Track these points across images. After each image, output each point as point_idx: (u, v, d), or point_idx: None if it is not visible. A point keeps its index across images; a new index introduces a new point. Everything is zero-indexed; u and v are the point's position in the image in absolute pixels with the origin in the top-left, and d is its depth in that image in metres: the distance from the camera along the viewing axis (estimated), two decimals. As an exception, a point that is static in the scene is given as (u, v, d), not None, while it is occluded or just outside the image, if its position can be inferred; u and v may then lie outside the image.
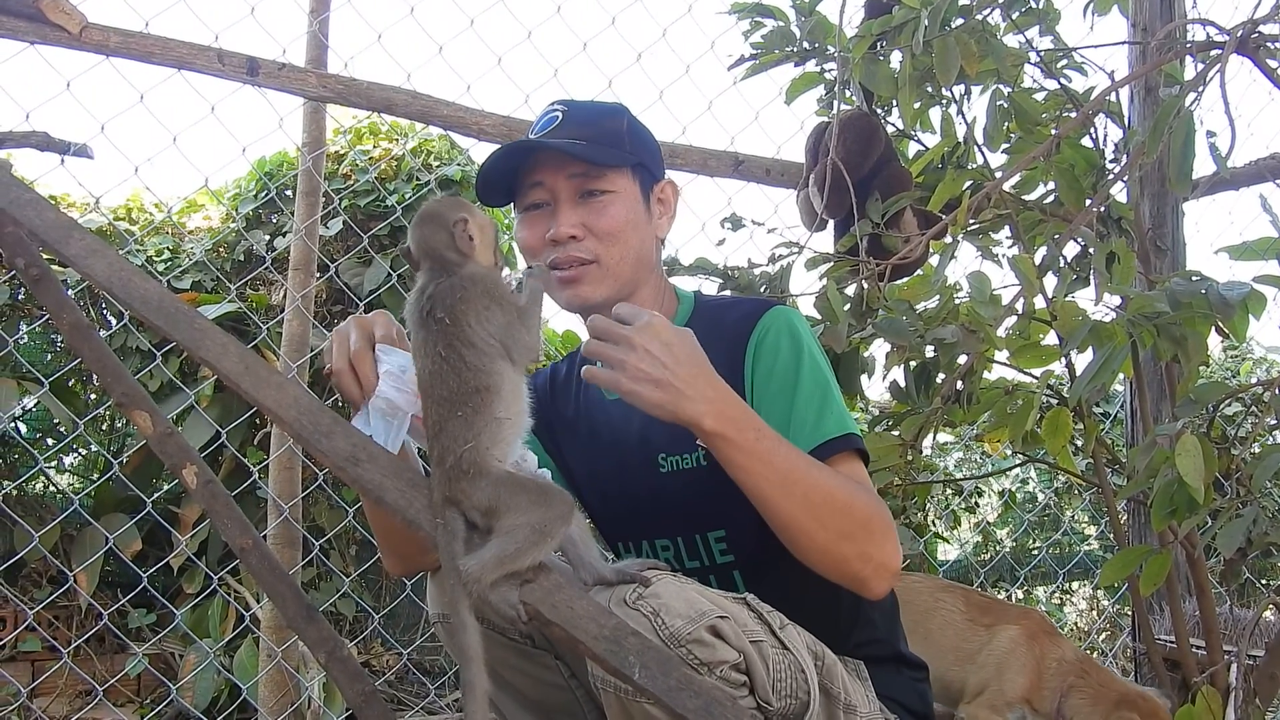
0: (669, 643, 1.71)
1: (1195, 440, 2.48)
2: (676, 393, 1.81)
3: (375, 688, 2.12)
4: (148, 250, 5.83)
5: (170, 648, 4.93)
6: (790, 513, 1.90)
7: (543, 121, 2.30)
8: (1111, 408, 6.64)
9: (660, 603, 1.75)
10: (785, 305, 2.28)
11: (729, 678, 1.76)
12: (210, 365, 1.74)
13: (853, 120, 3.42)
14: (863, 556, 1.94)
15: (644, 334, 1.81)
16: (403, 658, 4.68)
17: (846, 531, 1.92)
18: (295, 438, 1.68)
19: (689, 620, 1.74)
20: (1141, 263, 3.32)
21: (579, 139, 2.21)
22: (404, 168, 5.99)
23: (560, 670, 2.29)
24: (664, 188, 2.35)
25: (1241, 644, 3.05)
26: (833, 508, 1.91)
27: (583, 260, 2.20)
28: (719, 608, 1.80)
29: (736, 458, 1.87)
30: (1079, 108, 3.16)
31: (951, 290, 2.95)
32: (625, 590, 1.78)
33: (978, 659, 3.17)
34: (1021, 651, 3.12)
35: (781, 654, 1.86)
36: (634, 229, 2.23)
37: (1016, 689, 3.10)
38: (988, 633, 3.20)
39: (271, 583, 2.03)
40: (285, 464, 4.05)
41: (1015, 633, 3.16)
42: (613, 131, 2.27)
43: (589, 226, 2.20)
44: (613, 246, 2.21)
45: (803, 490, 1.89)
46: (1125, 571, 3.01)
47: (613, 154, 2.23)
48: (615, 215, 2.21)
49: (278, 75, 3.42)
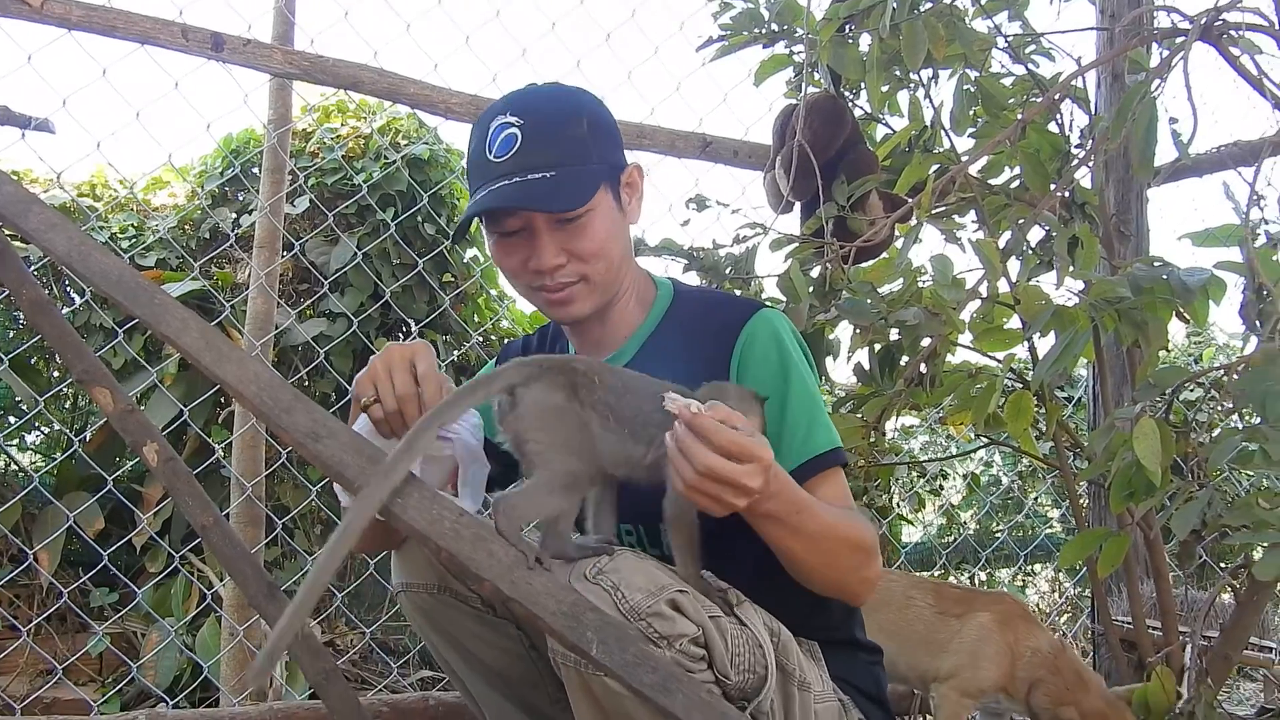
0: (629, 616, 1.73)
1: (1153, 424, 2.51)
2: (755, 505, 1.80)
3: (336, 665, 2.13)
4: (112, 227, 5.77)
5: (132, 626, 4.90)
6: (812, 565, 1.98)
7: (501, 141, 2.14)
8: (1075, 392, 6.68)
9: (620, 577, 1.77)
10: (771, 309, 2.27)
11: (688, 651, 1.78)
12: (170, 341, 1.72)
13: (820, 103, 3.42)
14: (862, 580, 2.06)
15: (755, 478, 1.73)
16: (366, 636, 4.67)
17: (853, 566, 2.03)
18: (256, 414, 1.68)
19: (648, 594, 1.76)
20: (1105, 248, 3.34)
21: (545, 165, 2.10)
22: (372, 146, 5.96)
23: (521, 640, 2.31)
24: (630, 173, 2.28)
25: (1196, 625, 3.08)
26: (845, 551, 2.00)
27: (571, 282, 2.17)
28: (678, 582, 1.82)
29: (775, 531, 1.90)
30: (1045, 93, 3.17)
31: (915, 273, 2.97)
32: (586, 565, 1.80)
33: (950, 647, 3.20)
34: (994, 638, 3.15)
35: (739, 629, 1.88)
36: (614, 238, 2.18)
37: (989, 678, 3.12)
38: (959, 621, 3.22)
39: (232, 560, 2.03)
40: (249, 442, 4.03)
41: (987, 619, 3.18)
42: (577, 142, 2.16)
43: (571, 251, 2.14)
44: (598, 263, 2.16)
45: (827, 547, 1.96)
46: (1084, 553, 3.05)
47: (587, 183, 2.14)
48: (595, 234, 2.14)
49: (243, 51, 3.39)
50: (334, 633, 5.37)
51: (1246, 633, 3.20)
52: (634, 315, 2.30)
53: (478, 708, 2.46)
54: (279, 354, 5.31)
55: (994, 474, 8.24)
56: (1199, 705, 2.93)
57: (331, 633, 5.35)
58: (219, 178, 5.95)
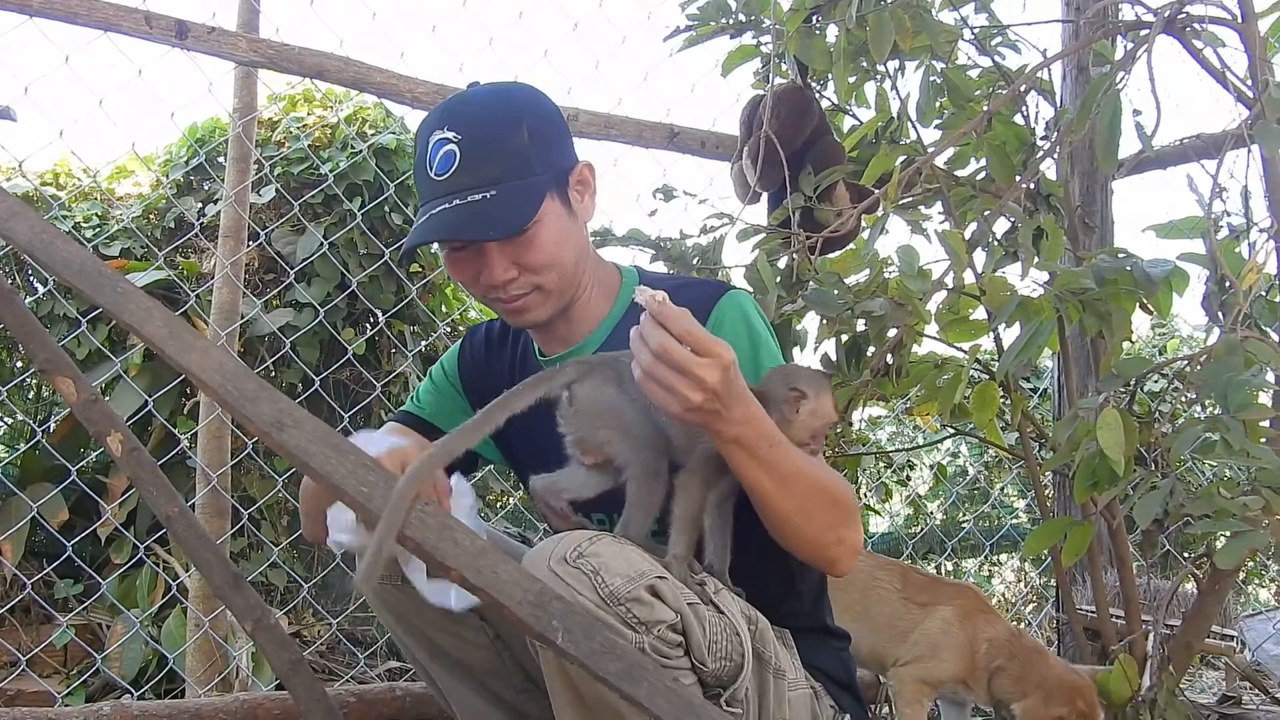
0: (608, 601, 1.74)
1: (1117, 414, 2.53)
2: (717, 417, 1.80)
3: (303, 656, 2.12)
4: (75, 216, 5.73)
5: (97, 618, 4.87)
6: (786, 511, 1.94)
7: (440, 159, 2.09)
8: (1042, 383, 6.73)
9: (600, 561, 1.77)
10: (738, 290, 2.27)
11: (665, 638, 1.79)
12: (134, 330, 1.71)
13: (787, 94, 3.43)
14: (839, 541, 2.02)
15: (710, 371, 1.74)
16: (333, 628, 4.66)
17: (829, 522, 1.99)
18: (220, 403, 1.66)
19: (628, 580, 1.76)
20: (1070, 240, 3.36)
21: (486, 182, 2.05)
22: (338, 135, 5.93)
23: (486, 632, 2.32)
24: (580, 171, 2.20)
25: (1159, 613, 3.11)
26: (821, 503, 1.97)
27: (524, 293, 2.14)
28: (657, 568, 1.83)
29: (743, 460, 1.88)
30: (1011, 85, 3.19)
31: (881, 264, 2.97)
32: (565, 548, 1.79)
33: (911, 637, 3.21)
34: (955, 632, 3.16)
35: (717, 617, 1.89)
36: (565, 244, 2.13)
37: (948, 670, 3.14)
38: (922, 611, 3.23)
39: (197, 550, 2.02)
40: (214, 433, 4.02)
41: (949, 613, 3.19)
42: (518, 154, 2.08)
43: (521, 264, 2.10)
44: (550, 272, 2.12)
45: (800, 490, 1.93)
46: (1048, 542, 3.07)
47: (530, 198, 2.07)
48: (545, 244, 2.09)
49: (207, 39, 3.37)
50: (301, 624, 5.36)
51: (1208, 621, 3.23)
52: (598, 306, 2.28)
53: (443, 698, 2.47)
54: (245, 344, 5.28)
55: (961, 465, 8.30)
56: (1161, 693, 2.96)
57: (299, 624, 5.33)
58: (184, 167, 5.91)
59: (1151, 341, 8.81)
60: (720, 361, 1.74)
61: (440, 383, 2.48)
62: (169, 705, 3.08)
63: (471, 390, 2.41)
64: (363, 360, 5.51)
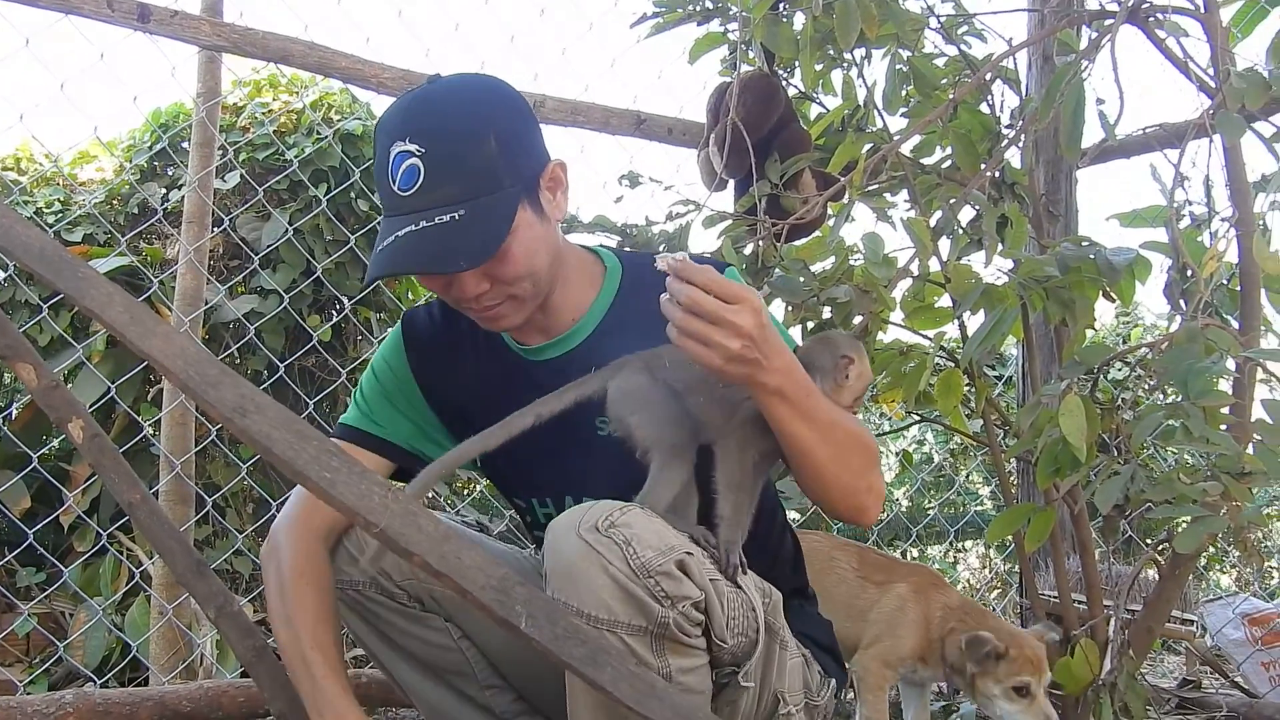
0: (639, 573, 1.74)
1: (1078, 400, 2.55)
2: (759, 367, 1.80)
3: (267, 643, 2.12)
4: (38, 201, 5.68)
5: (60, 606, 4.84)
6: (824, 459, 1.97)
7: (403, 174, 1.95)
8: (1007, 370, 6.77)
9: (633, 532, 1.77)
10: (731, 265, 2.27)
11: (689, 614, 1.79)
12: (95, 315, 1.69)
13: (753, 81, 3.43)
14: (869, 488, 2.06)
15: (743, 316, 1.74)
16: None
17: (861, 469, 2.03)
18: (182, 389, 1.65)
19: (660, 553, 1.76)
20: (1034, 228, 3.38)
21: (453, 200, 1.93)
22: (304, 121, 5.90)
23: (450, 632, 2.31)
24: (551, 171, 2.08)
25: (1120, 599, 3.14)
26: (855, 450, 2.01)
27: (497, 303, 2.06)
28: (686, 543, 1.83)
29: (786, 413, 1.89)
30: (977, 73, 3.20)
31: (847, 251, 2.98)
32: (597, 516, 1.79)
33: (870, 616, 3.23)
34: (910, 608, 3.19)
35: (735, 593, 1.90)
36: (538, 253, 2.04)
37: (908, 646, 3.16)
38: (879, 590, 3.26)
39: (160, 537, 2.01)
40: (178, 419, 3.99)
41: (904, 590, 3.22)
42: (485, 169, 1.96)
43: (494, 278, 2.01)
44: (524, 281, 2.03)
45: (837, 439, 1.97)
46: (1011, 528, 3.09)
47: (501, 215, 1.97)
48: (517, 257, 1.99)
49: (170, 22, 3.34)
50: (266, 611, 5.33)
51: (1169, 606, 3.26)
52: (582, 295, 2.21)
53: (408, 696, 2.46)
54: (210, 331, 5.25)
55: (927, 452, 8.34)
56: (1121, 676, 2.98)
57: (263, 611, 5.30)
58: (147, 152, 5.87)
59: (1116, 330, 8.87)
60: (750, 305, 1.75)
61: (388, 383, 2.33)
62: (132, 693, 3.07)
63: (425, 376, 2.30)
64: (328, 347, 5.49)
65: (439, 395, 2.30)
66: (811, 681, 2.20)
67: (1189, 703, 4.11)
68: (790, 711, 2.08)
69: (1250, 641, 4.28)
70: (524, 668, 2.34)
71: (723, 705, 1.96)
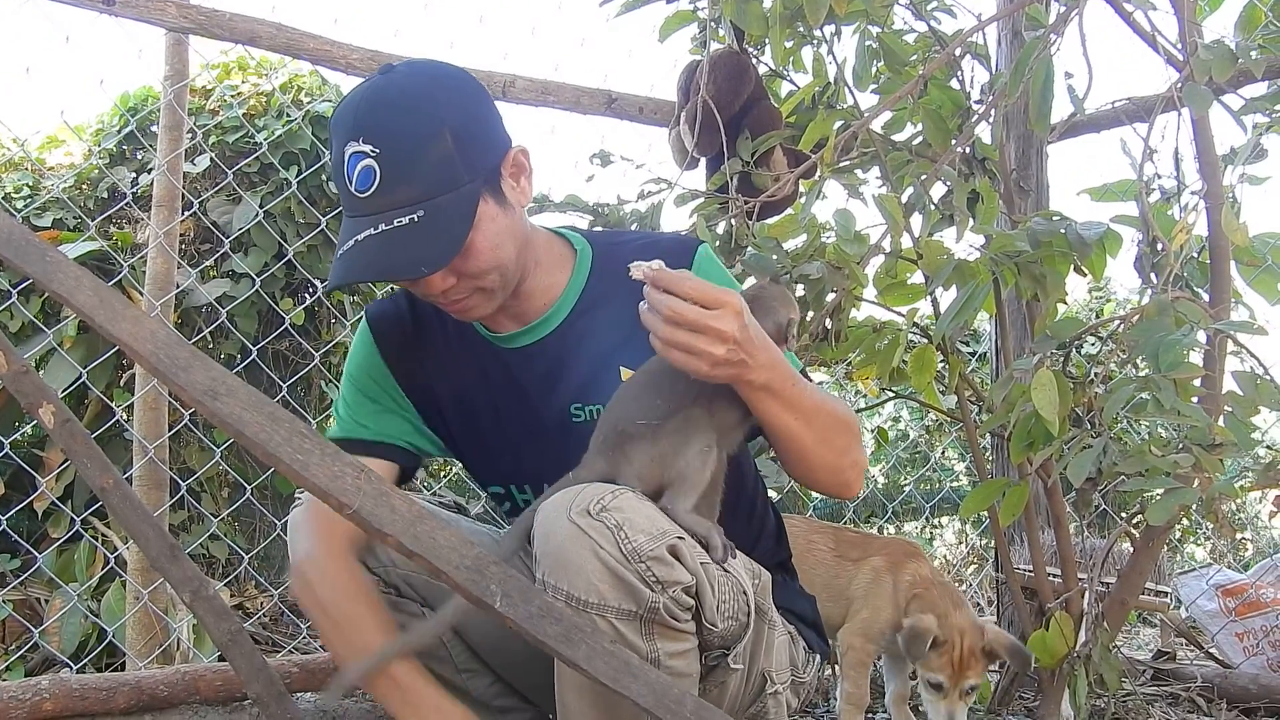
0: (630, 557, 1.72)
1: (1051, 375, 2.56)
2: (745, 367, 1.80)
3: (242, 626, 2.10)
4: (5, 186, 5.63)
5: (35, 593, 4.81)
6: (810, 443, 1.98)
7: (359, 175, 1.91)
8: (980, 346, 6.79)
9: (624, 516, 1.75)
10: (704, 242, 2.26)
11: (679, 599, 1.78)
12: (63, 299, 1.68)
13: (723, 59, 3.43)
14: (853, 464, 2.08)
15: (726, 320, 1.73)
16: (275, 599, 4.63)
17: (843, 446, 2.04)
18: (153, 372, 1.64)
19: (652, 537, 1.75)
20: (1005, 203, 3.39)
21: (411, 200, 1.90)
22: (273, 104, 5.85)
23: (426, 616, 2.30)
24: (513, 158, 2.04)
25: (1094, 571, 3.16)
26: (838, 429, 2.02)
27: (464, 296, 2.03)
28: (677, 528, 1.82)
29: (773, 406, 1.90)
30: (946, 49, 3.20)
31: (819, 228, 2.99)
32: (588, 500, 1.77)
33: (848, 593, 3.25)
34: (885, 579, 3.20)
35: (725, 577, 1.89)
36: (503, 245, 2.01)
37: (886, 618, 3.18)
38: (855, 566, 3.28)
39: (133, 522, 2.00)
40: (150, 404, 3.96)
41: (878, 562, 3.24)
42: (443, 167, 1.92)
43: (460, 273, 1.97)
44: (490, 273, 2.00)
45: (821, 422, 1.97)
46: (985, 503, 3.11)
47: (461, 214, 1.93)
48: (482, 251, 1.96)
49: (135, 4, 3.30)
50: (243, 596, 5.32)
51: (1142, 578, 3.29)
52: (553, 280, 2.18)
53: None
54: (181, 315, 5.21)
55: (902, 428, 8.36)
56: (1096, 648, 3.01)
57: (241, 595, 5.29)
58: (116, 136, 5.81)
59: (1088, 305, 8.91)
60: (732, 308, 1.74)
61: (366, 385, 2.27)
62: (109, 678, 3.05)
63: (401, 368, 2.26)
64: (301, 330, 5.46)
65: (416, 386, 2.27)
66: (797, 658, 2.21)
67: (1164, 674, 4.14)
68: (778, 690, 2.10)
69: (1224, 613, 4.31)
70: (506, 654, 2.33)
71: (711, 686, 1.96)
